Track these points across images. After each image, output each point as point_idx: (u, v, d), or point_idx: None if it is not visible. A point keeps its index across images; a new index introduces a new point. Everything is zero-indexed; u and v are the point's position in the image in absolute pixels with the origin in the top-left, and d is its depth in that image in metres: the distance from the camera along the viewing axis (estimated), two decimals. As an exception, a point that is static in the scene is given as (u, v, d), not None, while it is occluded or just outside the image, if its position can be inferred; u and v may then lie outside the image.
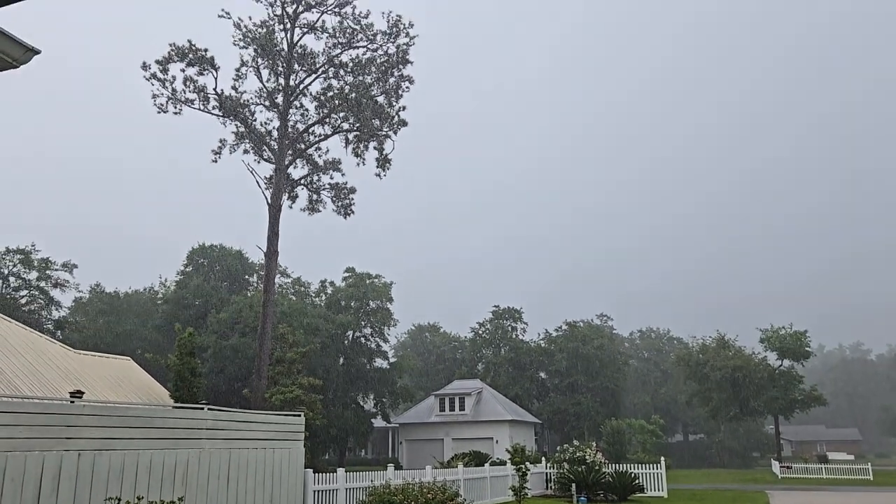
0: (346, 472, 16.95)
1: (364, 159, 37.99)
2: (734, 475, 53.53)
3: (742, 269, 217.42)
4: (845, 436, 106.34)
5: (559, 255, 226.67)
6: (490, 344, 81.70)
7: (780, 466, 52.05)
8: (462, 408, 52.94)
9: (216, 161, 37.37)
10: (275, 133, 37.17)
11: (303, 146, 38.28)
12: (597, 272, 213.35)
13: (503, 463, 29.72)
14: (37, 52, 4.36)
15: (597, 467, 28.43)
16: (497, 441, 47.66)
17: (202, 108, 35.95)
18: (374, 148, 37.75)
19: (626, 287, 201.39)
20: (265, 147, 37.12)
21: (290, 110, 37.20)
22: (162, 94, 35.06)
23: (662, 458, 32.38)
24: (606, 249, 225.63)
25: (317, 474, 15.75)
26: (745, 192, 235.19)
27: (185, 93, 35.39)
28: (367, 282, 53.39)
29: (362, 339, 52.92)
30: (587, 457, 29.63)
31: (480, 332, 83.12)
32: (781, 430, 68.25)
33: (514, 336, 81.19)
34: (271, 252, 34.63)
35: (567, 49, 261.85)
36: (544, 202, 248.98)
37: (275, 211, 35.02)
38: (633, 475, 28.05)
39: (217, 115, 36.32)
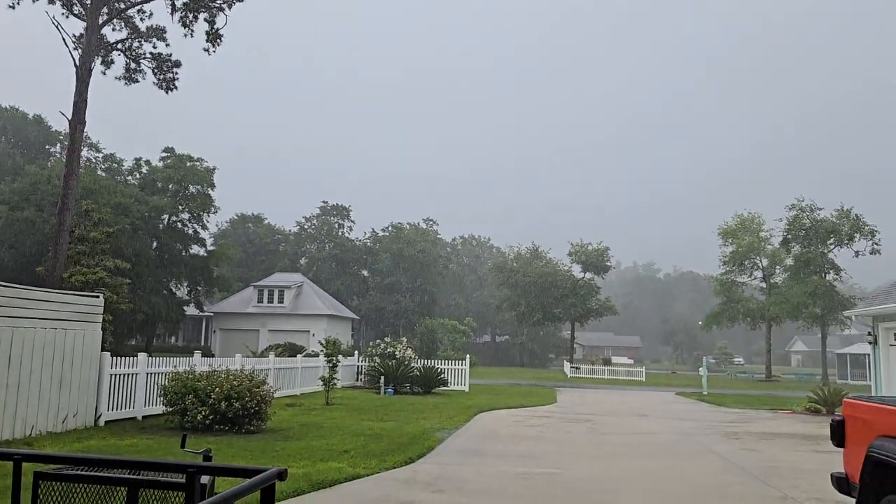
0: (147, 356, 16.45)
1: (192, 31, 34.75)
2: (531, 373, 58.74)
3: (567, 184, 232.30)
4: (629, 343, 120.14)
5: (393, 152, 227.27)
6: (315, 239, 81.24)
7: (570, 367, 57.81)
8: (281, 300, 52.80)
9: (13, 7, 32.57)
10: (87, -15, 32.88)
11: (122, 5, 34.35)
12: (429, 175, 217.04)
13: (317, 355, 30.27)
14: None
15: (406, 362, 29.85)
16: (314, 334, 48.30)
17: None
18: (206, 20, 34.69)
19: (455, 192, 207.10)
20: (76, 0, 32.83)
21: (107, -39, 32.96)
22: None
23: (468, 356, 34.70)
24: (439, 147, 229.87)
25: (115, 357, 15.14)
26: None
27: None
28: (188, 164, 50.18)
29: (179, 225, 50.15)
30: (398, 352, 30.96)
31: (306, 226, 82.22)
32: (576, 336, 75.34)
33: (340, 233, 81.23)
34: (77, 120, 31.22)
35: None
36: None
37: (83, 74, 31.33)
38: (439, 370, 29.80)
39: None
